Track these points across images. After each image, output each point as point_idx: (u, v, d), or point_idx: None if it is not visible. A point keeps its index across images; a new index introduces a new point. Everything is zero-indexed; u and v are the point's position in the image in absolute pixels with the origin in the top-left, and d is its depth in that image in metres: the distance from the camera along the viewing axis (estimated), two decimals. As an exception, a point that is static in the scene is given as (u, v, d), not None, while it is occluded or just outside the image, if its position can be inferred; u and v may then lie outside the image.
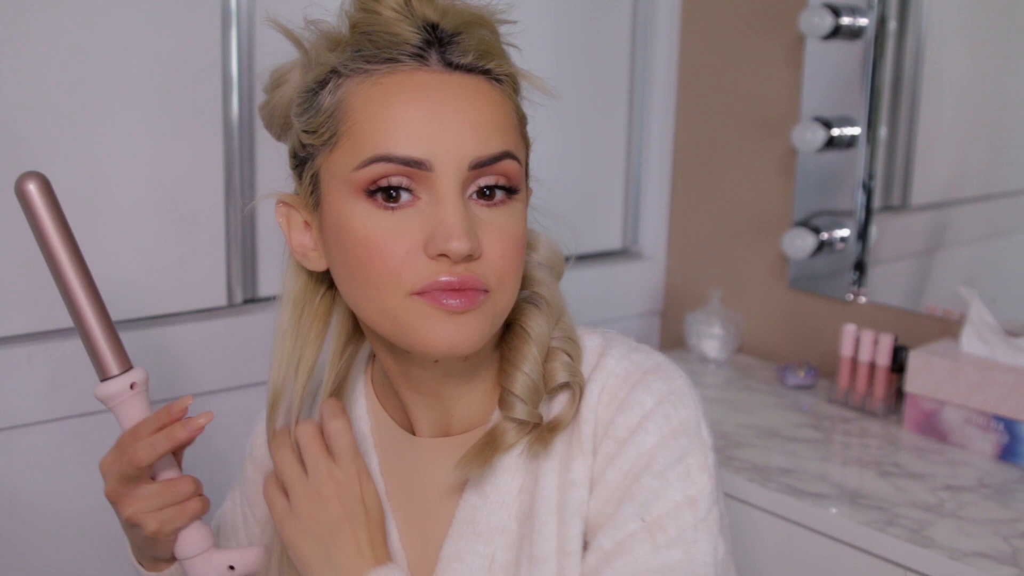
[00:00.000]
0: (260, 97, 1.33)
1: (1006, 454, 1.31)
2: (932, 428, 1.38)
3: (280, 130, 0.87)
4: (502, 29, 0.80)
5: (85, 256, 0.83)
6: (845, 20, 1.51)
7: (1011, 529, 1.13)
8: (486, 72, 0.77)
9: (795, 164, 1.65)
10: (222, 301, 1.36)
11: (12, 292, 1.18)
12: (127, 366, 0.84)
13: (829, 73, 1.59)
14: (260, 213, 1.38)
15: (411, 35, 0.74)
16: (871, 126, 1.55)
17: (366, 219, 0.74)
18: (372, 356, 0.92)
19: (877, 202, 1.58)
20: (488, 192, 0.76)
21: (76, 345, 1.20)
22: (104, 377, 0.84)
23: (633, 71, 1.79)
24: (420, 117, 0.73)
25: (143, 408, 0.84)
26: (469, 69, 0.76)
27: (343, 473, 0.79)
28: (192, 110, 1.29)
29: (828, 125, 1.54)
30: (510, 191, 0.77)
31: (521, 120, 0.80)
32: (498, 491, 0.82)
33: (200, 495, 0.85)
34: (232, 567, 0.86)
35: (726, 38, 1.74)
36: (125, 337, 0.87)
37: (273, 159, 1.37)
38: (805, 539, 1.20)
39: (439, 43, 0.75)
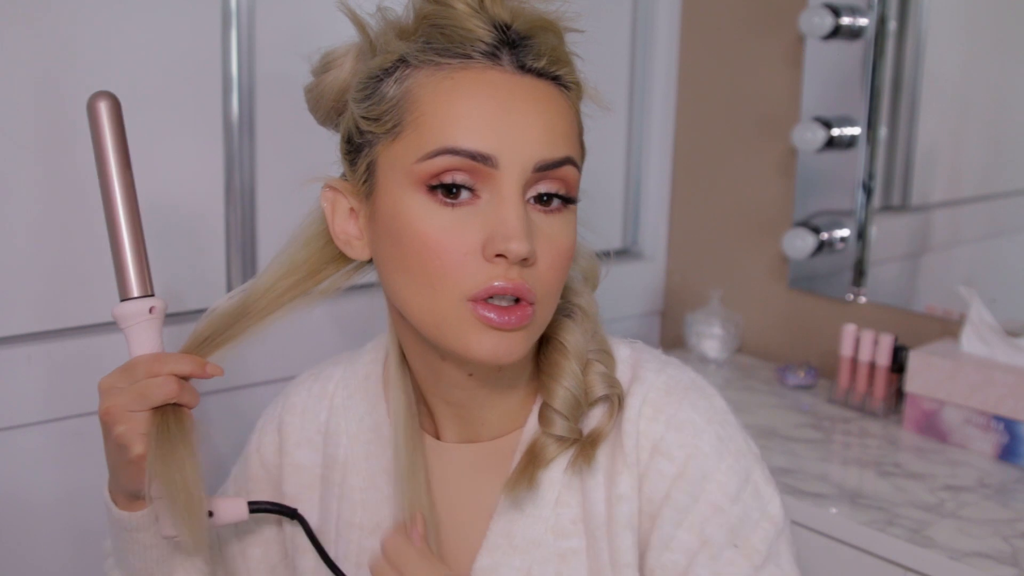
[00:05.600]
0: (261, 97, 1.35)
1: (1006, 454, 1.31)
2: (932, 428, 1.38)
3: (326, 115, 0.85)
4: (567, 37, 0.80)
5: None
6: (845, 20, 1.51)
7: (1011, 529, 1.13)
8: (556, 78, 0.77)
9: (795, 164, 1.65)
10: (222, 301, 1.36)
11: (12, 292, 1.18)
12: (149, 292, 0.84)
13: (829, 73, 1.59)
14: (260, 213, 1.38)
15: (484, 33, 0.74)
16: (871, 126, 1.55)
17: (424, 213, 0.73)
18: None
19: (877, 202, 1.58)
20: (546, 199, 0.76)
21: (76, 345, 1.21)
22: (124, 297, 0.83)
23: (633, 71, 1.79)
24: (489, 113, 0.73)
25: (155, 335, 0.84)
26: (540, 73, 0.76)
27: None
28: (192, 110, 1.29)
29: (828, 125, 1.54)
30: (567, 200, 0.77)
31: (581, 130, 0.80)
32: (535, 504, 0.81)
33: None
34: (211, 513, 0.84)
35: (726, 38, 1.74)
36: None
37: (273, 159, 1.36)
38: (805, 539, 1.20)
39: (511, 45, 0.75)
